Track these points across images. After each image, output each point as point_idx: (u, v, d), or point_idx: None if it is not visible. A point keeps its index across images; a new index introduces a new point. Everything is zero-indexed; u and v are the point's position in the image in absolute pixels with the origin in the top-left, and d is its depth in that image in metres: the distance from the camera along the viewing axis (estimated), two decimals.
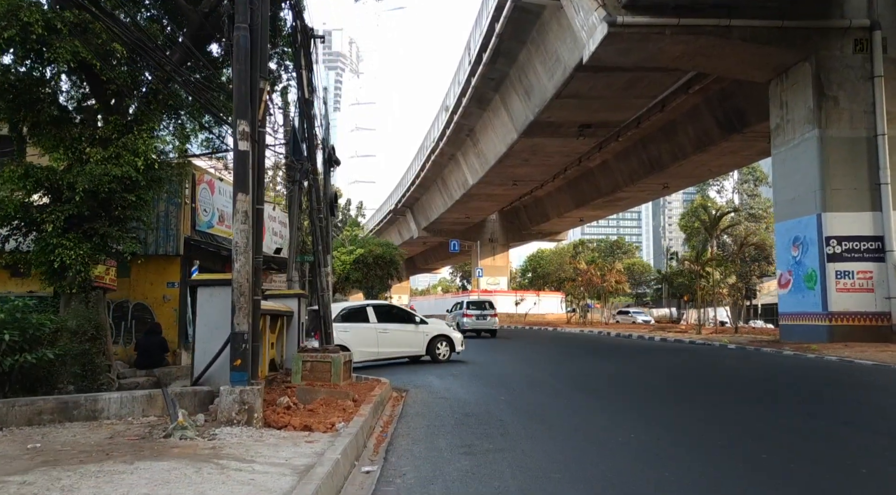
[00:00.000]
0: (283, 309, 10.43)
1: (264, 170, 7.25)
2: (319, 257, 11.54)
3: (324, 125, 20.15)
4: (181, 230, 17.63)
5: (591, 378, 13.01)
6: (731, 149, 31.81)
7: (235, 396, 6.45)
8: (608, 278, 40.19)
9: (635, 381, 12.43)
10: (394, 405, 9.48)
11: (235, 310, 6.64)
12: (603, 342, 25.79)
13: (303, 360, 9.75)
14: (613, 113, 27.32)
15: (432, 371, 14.41)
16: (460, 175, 40.97)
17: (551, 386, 11.46)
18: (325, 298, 11.59)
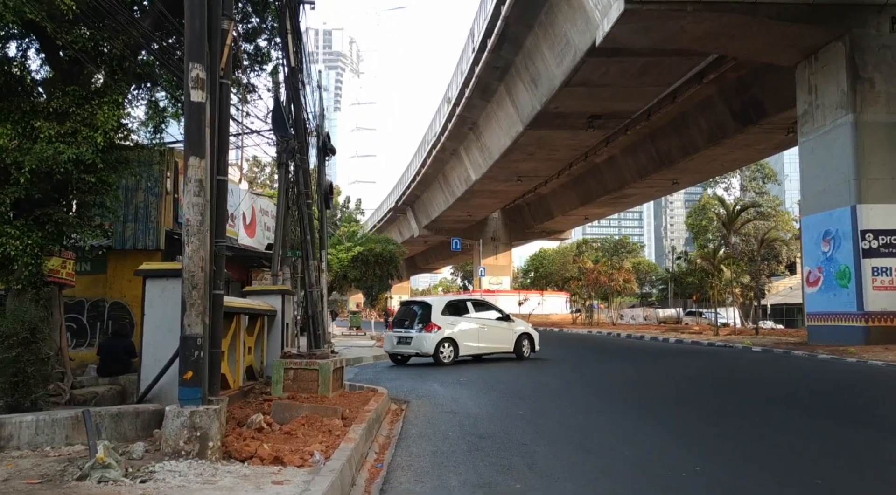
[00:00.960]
0: (264, 307, 8.89)
1: (228, 131, 5.71)
2: (308, 248, 10.00)
3: (318, 112, 18.63)
4: (161, 223, 16.09)
5: (618, 386, 11.45)
6: (746, 142, 30.29)
7: (184, 420, 4.91)
8: (616, 277, 38.63)
9: (671, 391, 10.86)
10: (392, 421, 7.95)
11: (186, 308, 5.10)
12: (615, 344, 24.24)
13: (285, 368, 8.21)
14: (624, 102, 25.76)
15: (436, 376, 12.87)
16: (462, 171, 39.43)
17: (575, 397, 9.90)
18: (315, 295, 10.05)
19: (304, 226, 9.86)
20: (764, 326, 39.94)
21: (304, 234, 9.92)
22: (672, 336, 26.10)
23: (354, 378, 13.28)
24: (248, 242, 20.58)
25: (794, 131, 28.27)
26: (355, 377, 13.52)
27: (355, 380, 12.65)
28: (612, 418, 7.97)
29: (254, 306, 8.41)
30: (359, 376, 13.60)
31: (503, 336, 16.13)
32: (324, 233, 18.70)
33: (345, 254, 25.92)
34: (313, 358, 8.43)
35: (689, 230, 52.17)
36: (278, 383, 8.15)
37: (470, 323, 15.68)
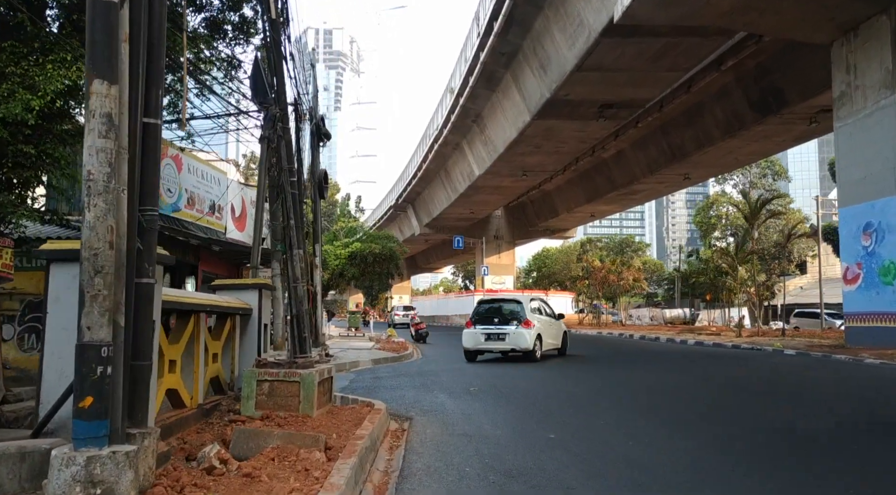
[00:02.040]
0: (235, 305, 7.21)
1: (163, 53, 4.03)
2: (291, 235, 8.33)
3: (312, 93, 16.97)
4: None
5: (657, 397, 9.72)
6: (765, 133, 28.63)
7: (77, 470, 3.24)
8: (625, 276, 36.94)
9: (725, 404, 9.16)
10: (391, 447, 6.28)
11: (85, 302, 3.43)
12: (631, 346, 22.57)
13: (258, 380, 6.53)
14: (639, 89, 24.08)
15: (442, 384, 11.19)
16: (465, 165, 37.77)
17: (611, 412, 8.21)
18: (300, 291, 8.36)
19: (286, 209, 8.20)
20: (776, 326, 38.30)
21: (287, 219, 8.25)
22: (689, 337, 24.44)
23: (349, 385, 11.62)
24: (237, 236, 18.92)
25: (816, 121, 26.72)
26: (350, 384, 11.87)
27: (350, 389, 10.98)
28: (668, 444, 6.28)
29: (220, 303, 6.73)
30: (354, 383, 11.93)
31: (558, 333, 17.11)
32: (317, 226, 17.04)
33: (342, 251, 24.24)
34: (294, 367, 6.75)
35: (697, 228, 50.46)
36: (249, 399, 6.47)
37: (542, 320, 16.53)
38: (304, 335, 8.23)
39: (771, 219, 47.77)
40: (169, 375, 5.51)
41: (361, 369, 15.09)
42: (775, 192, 31.82)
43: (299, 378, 6.54)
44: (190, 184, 16.45)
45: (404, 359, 17.35)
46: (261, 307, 7.67)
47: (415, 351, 20.17)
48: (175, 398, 5.83)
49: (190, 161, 16.48)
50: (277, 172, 8.69)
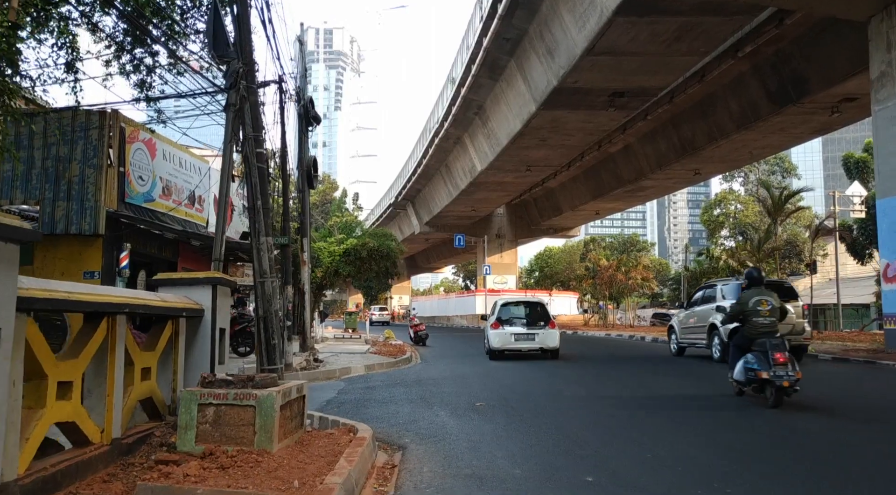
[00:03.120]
0: (174, 304, 5.57)
1: None
2: (258, 219, 6.70)
3: (300, 71, 15.36)
4: (102, 202, 12.82)
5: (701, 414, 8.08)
6: (782, 125, 26.96)
7: None
8: (633, 275, 35.26)
9: (803, 430, 7.52)
10: (377, 493, 4.66)
11: None
12: (643, 349, 20.93)
13: (200, 404, 4.90)
14: (652, 76, 22.43)
15: (442, 396, 9.56)
16: (467, 160, 36.14)
17: (660, 441, 6.53)
18: (268, 288, 6.73)
19: (251, 186, 6.59)
20: None
21: (253, 199, 6.64)
22: None
23: (336, 398, 9.99)
24: None
25: (838, 111, 25.04)
26: (338, 396, 10.24)
27: (336, 402, 9.35)
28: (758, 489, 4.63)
29: (150, 302, 5.09)
30: (342, 395, 10.30)
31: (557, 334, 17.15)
32: (306, 218, 15.42)
33: (336, 248, 22.61)
34: (250, 386, 5.11)
35: (704, 226, 48.82)
36: (187, 430, 4.83)
37: None
38: (274, 341, 6.61)
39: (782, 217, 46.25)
40: (59, 403, 3.87)
41: (353, 376, 13.45)
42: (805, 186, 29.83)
43: (255, 401, 4.90)
44: (166, 172, 14.83)
45: (401, 364, 15.72)
46: (215, 307, 6.03)
47: (413, 354, 18.54)
48: (77, 435, 4.19)
49: (166, 147, 14.86)
50: (242, 142, 7.05)
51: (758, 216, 45.66)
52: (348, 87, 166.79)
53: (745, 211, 45.45)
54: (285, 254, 13.26)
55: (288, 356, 13.05)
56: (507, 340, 16.36)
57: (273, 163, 13.83)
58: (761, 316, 8.45)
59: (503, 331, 16.44)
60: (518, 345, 16.35)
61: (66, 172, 12.67)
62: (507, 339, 16.36)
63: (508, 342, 16.35)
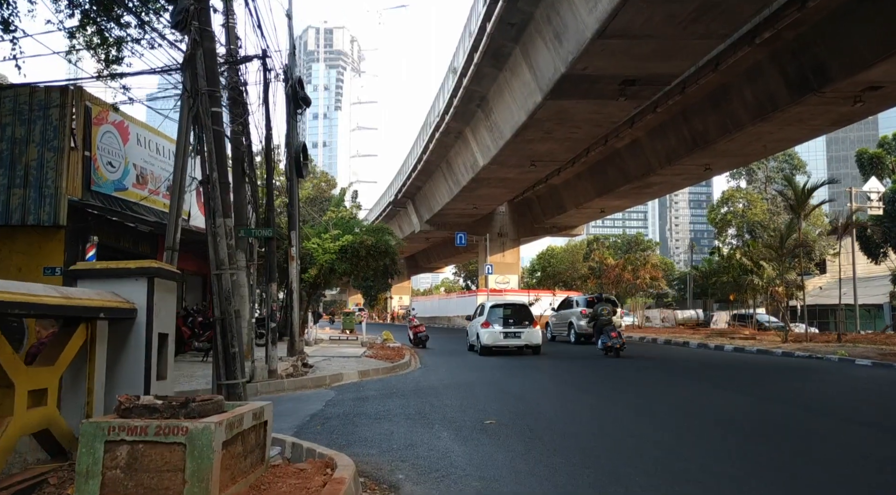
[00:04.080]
0: (88, 301, 4.14)
1: None
2: (214, 196, 5.28)
3: (289, 48, 13.94)
4: (63, 189, 11.41)
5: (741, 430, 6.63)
6: (801, 116, 25.48)
7: None
8: (642, 274, 33.78)
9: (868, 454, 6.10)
10: None
11: None
12: (662, 352, 19.47)
13: (108, 440, 3.47)
14: (667, 62, 20.96)
15: (445, 408, 8.15)
16: (469, 155, 34.70)
17: (718, 477, 5.12)
18: (226, 282, 5.30)
19: (205, 153, 5.17)
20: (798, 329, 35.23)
21: (209, 170, 5.22)
22: (722, 341, 21.37)
23: (321, 412, 8.58)
24: (202, 224, 15.83)
25: (861, 100, 23.55)
26: (324, 409, 8.83)
27: (321, 418, 7.94)
28: None
29: (36, 298, 3.65)
30: (329, 409, 8.88)
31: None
32: (294, 209, 13.99)
33: (331, 244, 21.18)
34: (182, 414, 3.67)
35: (711, 225, 47.35)
36: (90, 478, 3.41)
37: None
38: (234, 350, 5.18)
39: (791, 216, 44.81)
40: None
41: (345, 384, 12.02)
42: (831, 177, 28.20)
43: (185, 436, 3.48)
44: (140, 159, 13.41)
45: (399, 369, 14.30)
46: (152, 306, 4.60)
47: (412, 358, 17.12)
48: None
49: (140, 130, 13.45)
50: (191, 95, 5.61)
51: (766, 214, 44.25)
52: (348, 86, 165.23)
53: (753, 209, 44.02)
54: (270, 248, 11.84)
55: (273, 361, 11.64)
56: (496, 338, 18.35)
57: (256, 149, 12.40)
58: (604, 316, 17.96)
59: (493, 329, 18.41)
60: (506, 342, 18.36)
61: (23, 156, 11.26)
62: (497, 337, 18.34)
63: (498, 339, 18.34)
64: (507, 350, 18.56)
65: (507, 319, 18.70)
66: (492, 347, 18.36)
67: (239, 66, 12.13)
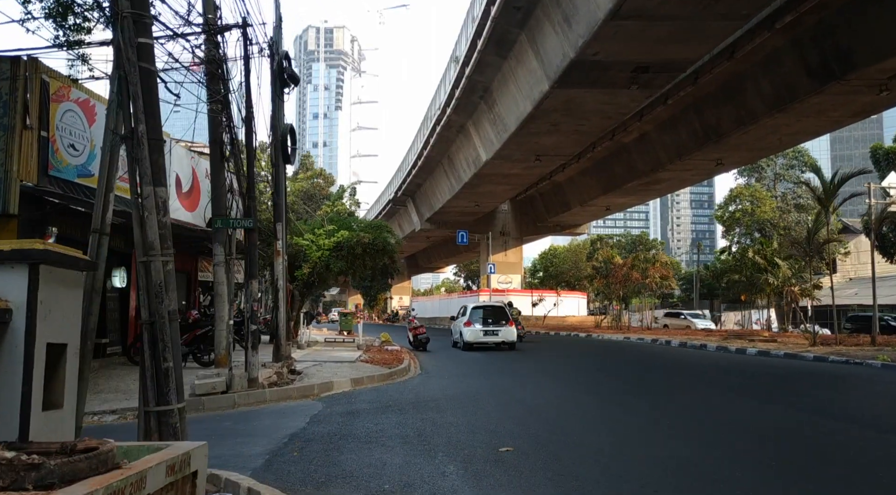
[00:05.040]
0: None
1: None
2: (140, 155, 3.85)
3: (275, 21, 12.52)
4: (14, 173, 9.99)
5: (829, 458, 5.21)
6: (820, 106, 24.05)
7: None
8: (651, 273, 32.34)
9: None
10: None
11: None
12: (681, 358, 18.03)
13: None
14: (683, 45, 19.55)
15: (449, 428, 6.73)
16: (471, 150, 33.30)
17: None
18: (156, 271, 3.88)
19: (126, 98, 3.76)
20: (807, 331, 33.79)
21: (133, 121, 3.82)
22: (742, 344, 19.95)
23: (304, 430, 7.18)
24: (184, 217, 14.42)
25: (887, 89, 22.08)
26: (307, 427, 7.42)
27: (300, 441, 6.52)
28: None
29: None
30: (313, 426, 7.47)
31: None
32: (280, 198, 12.56)
33: (325, 240, 19.77)
34: (31, 478, 2.24)
35: (721, 223, 45.91)
36: None
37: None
38: (167, 364, 3.74)
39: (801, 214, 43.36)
40: None
41: (336, 394, 10.60)
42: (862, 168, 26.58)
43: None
44: None
45: (397, 375, 12.87)
46: (34, 306, 3.18)
47: (412, 362, 15.70)
48: None
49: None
50: (111, 21, 4.16)
51: (776, 212, 42.82)
52: (349, 86, 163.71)
53: (761, 207, 42.56)
54: (250, 241, 10.42)
55: (253, 369, 10.22)
56: (477, 335, 20.53)
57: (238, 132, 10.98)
58: (514, 314, 24.00)
59: (474, 328, 20.73)
60: (485, 339, 20.51)
61: None
62: (478, 334, 20.53)
63: (478, 337, 20.53)
64: (486, 346, 20.42)
65: (486, 319, 20.83)
66: (473, 344, 20.46)
67: (218, 38, 10.75)
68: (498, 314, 21.32)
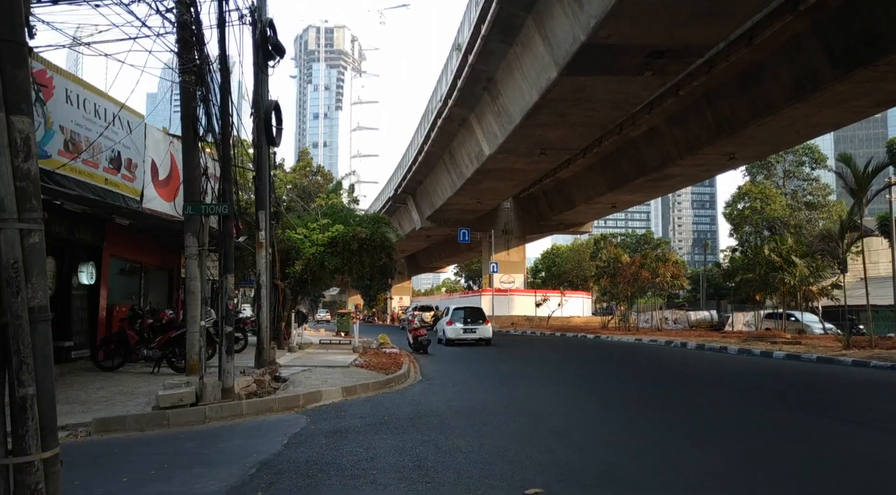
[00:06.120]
0: None
1: None
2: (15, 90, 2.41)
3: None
4: None
5: None
6: (843, 95, 22.62)
7: None
8: (662, 272, 30.91)
9: None
10: None
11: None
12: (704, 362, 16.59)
13: None
14: (704, 26, 18.12)
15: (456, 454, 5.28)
16: (473, 145, 31.88)
17: None
18: (5, 249, 2.44)
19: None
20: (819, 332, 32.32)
21: None
22: (766, 347, 18.52)
23: (279, 456, 5.73)
24: (160, 207, 12.96)
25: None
26: (283, 451, 5.96)
27: (270, 472, 5.04)
28: None
29: None
30: (290, 451, 6.02)
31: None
32: (263, 183, 11.13)
33: (319, 235, 18.35)
34: None
35: (729, 221, 44.49)
36: None
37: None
38: (25, 391, 2.36)
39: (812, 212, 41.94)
40: None
41: (323, 405, 9.16)
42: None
43: None
44: (70, 121, 10.56)
45: (395, 383, 11.43)
46: None
47: (412, 366, 14.26)
48: None
49: (71, 85, 10.61)
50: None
51: (786, 210, 41.39)
52: (349, 86, 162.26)
53: (771, 204, 41.16)
54: (226, 230, 8.99)
55: (227, 377, 8.79)
56: (458, 332, 22.83)
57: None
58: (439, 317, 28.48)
59: (455, 326, 23.04)
60: (465, 336, 22.78)
61: None
62: (458, 332, 22.83)
63: (459, 334, 22.82)
64: (466, 342, 22.68)
65: (466, 318, 23.31)
66: (454, 340, 22.73)
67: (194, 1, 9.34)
68: (476, 314, 23.73)
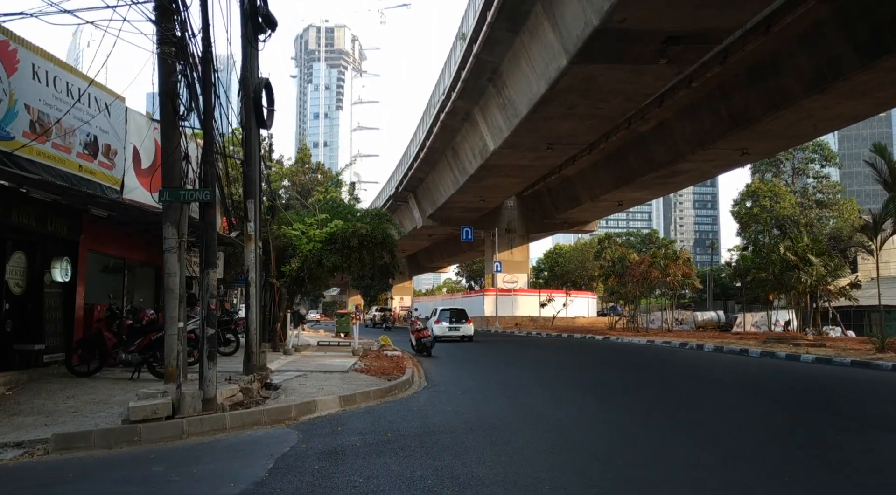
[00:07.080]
0: None
1: None
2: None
3: None
4: None
5: None
6: (865, 86, 21.52)
7: None
8: (673, 271, 29.80)
9: None
10: None
11: None
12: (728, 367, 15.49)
13: None
14: (724, 9, 17.02)
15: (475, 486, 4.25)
16: (477, 140, 30.79)
17: None
18: None
19: None
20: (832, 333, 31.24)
21: None
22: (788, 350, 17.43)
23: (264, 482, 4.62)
24: (143, 198, 11.85)
25: None
26: (267, 479, 4.86)
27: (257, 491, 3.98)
28: None
29: None
30: (274, 480, 4.88)
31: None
32: (252, 169, 10.03)
33: (317, 231, 17.26)
34: None
35: (737, 220, 43.39)
36: None
37: None
38: None
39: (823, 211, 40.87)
40: None
41: (318, 418, 8.07)
42: None
43: None
44: (37, 99, 9.47)
45: (398, 390, 10.33)
46: None
47: (416, 371, 13.18)
48: None
49: (38, 60, 9.52)
50: None
51: (796, 208, 40.29)
52: (350, 86, 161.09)
53: (781, 203, 40.07)
54: (207, 220, 7.91)
55: (209, 386, 7.70)
56: (444, 330, 25.06)
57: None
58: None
59: (442, 325, 25.36)
60: (450, 334, 25.13)
61: None
62: (444, 330, 25.09)
63: (445, 331, 25.01)
64: (451, 339, 24.82)
65: (451, 318, 25.94)
66: (441, 337, 24.34)
67: None
68: (460, 314, 26.41)
